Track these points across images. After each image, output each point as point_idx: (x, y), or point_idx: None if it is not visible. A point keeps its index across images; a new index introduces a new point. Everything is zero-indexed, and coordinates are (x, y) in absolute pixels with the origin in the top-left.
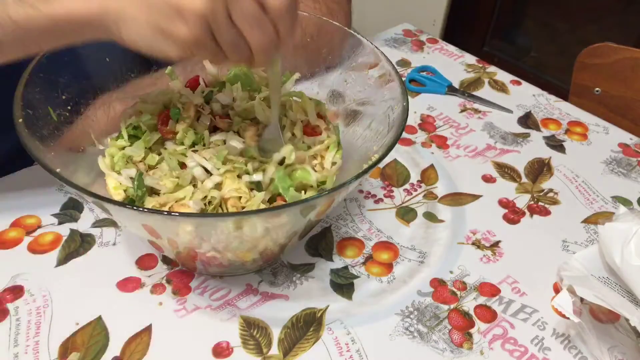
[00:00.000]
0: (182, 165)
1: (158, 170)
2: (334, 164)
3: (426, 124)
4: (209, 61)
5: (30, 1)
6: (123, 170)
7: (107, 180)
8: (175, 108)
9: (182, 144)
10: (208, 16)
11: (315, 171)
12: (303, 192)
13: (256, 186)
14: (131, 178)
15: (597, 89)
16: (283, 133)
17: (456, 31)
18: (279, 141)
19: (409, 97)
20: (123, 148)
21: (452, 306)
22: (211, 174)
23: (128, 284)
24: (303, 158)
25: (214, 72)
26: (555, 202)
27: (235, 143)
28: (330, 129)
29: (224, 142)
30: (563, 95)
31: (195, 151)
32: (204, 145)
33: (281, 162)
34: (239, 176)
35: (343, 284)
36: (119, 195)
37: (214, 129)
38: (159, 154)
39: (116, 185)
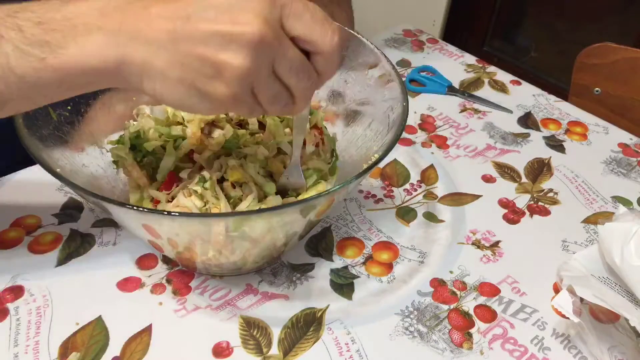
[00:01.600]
0: None
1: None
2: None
3: (426, 124)
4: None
5: (34, 52)
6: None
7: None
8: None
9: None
10: (251, 74)
11: None
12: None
13: None
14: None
15: (597, 89)
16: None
17: (456, 31)
18: (300, 181)
19: (409, 97)
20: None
21: (452, 306)
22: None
23: (128, 284)
24: None
25: None
26: (555, 202)
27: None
28: (321, 155)
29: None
30: (563, 95)
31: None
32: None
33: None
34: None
35: (343, 284)
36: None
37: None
38: None
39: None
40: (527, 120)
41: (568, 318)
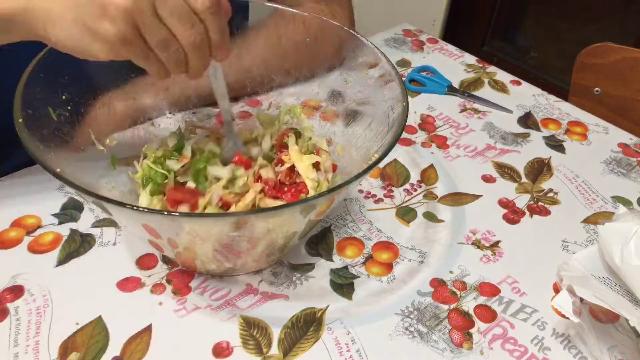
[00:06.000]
0: None
1: None
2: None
3: (426, 124)
4: (150, 73)
5: None
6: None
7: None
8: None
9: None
10: (134, 12)
11: None
12: None
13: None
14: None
15: (597, 89)
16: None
17: (456, 31)
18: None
19: (409, 97)
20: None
21: (452, 306)
22: None
23: (128, 284)
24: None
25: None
26: (555, 202)
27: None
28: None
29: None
30: (563, 95)
31: None
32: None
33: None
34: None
35: (343, 284)
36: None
37: None
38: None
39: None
40: (527, 120)
41: (568, 318)
